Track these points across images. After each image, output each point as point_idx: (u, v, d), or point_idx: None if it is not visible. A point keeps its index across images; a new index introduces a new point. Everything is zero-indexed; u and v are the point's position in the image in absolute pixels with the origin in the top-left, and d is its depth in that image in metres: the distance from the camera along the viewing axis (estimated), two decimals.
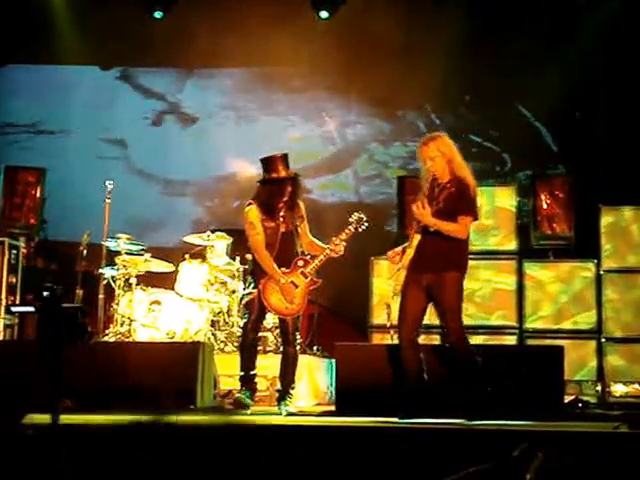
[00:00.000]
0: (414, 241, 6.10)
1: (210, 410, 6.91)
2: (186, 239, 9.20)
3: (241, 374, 6.85)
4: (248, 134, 11.23)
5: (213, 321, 8.84)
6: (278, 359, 6.99)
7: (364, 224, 6.68)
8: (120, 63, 11.75)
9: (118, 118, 11.68)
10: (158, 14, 11.06)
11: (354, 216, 6.72)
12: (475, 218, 6.17)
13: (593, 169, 10.14)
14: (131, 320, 8.56)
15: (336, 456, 4.57)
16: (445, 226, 6.03)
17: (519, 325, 8.99)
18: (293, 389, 6.85)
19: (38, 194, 9.89)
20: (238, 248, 8.74)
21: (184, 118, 11.77)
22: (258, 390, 7.07)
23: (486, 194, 9.12)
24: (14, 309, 10.11)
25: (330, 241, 6.69)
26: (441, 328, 6.12)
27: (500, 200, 9.22)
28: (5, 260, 9.24)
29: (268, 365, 7.73)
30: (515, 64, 10.55)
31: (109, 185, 9.03)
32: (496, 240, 9.18)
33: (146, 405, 6.32)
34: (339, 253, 6.67)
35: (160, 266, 9.03)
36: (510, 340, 8.90)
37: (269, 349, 8.55)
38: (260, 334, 7.62)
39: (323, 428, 5.45)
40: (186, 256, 9.00)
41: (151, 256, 8.91)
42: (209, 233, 9.03)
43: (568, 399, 7.66)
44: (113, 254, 8.90)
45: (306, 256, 6.79)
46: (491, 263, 9.12)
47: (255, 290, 6.80)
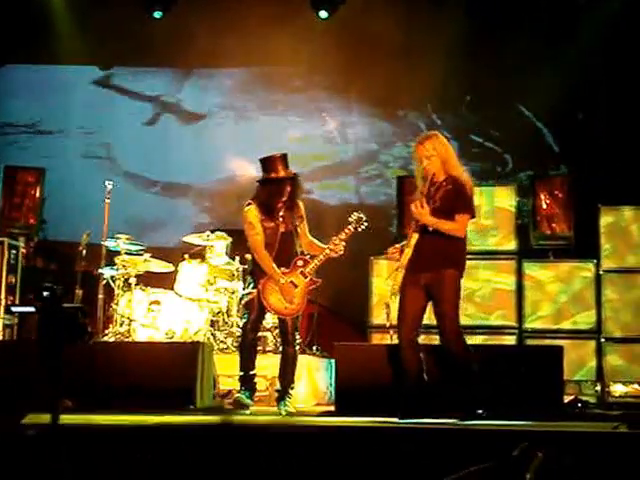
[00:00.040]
0: (412, 240, 6.10)
1: (210, 410, 6.90)
2: (185, 239, 9.20)
3: (240, 374, 6.84)
4: (248, 134, 11.22)
5: (212, 321, 8.84)
6: (277, 359, 6.97)
7: (363, 224, 6.67)
8: (119, 63, 11.75)
9: (117, 118, 11.67)
10: (157, 14, 11.07)
11: (353, 216, 6.71)
12: (472, 216, 6.17)
13: (593, 169, 10.15)
14: (130, 320, 8.56)
15: (336, 456, 4.57)
16: (443, 225, 6.03)
17: (519, 325, 8.99)
18: (292, 389, 6.85)
19: (38, 194, 9.89)
20: (238, 248, 8.74)
21: (183, 118, 11.76)
22: (257, 390, 7.06)
23: (485, 194, 9.14)
24: (14, 309, 10.11)
25: (330, 241, 6.69)
26: (438, 328, 6.10)
27: (499, 200, 9.22)
28: (4, 260, 9.24)
29: (267, 365, 7.72)
30: (515, 64, 10.55)
31: (108, 185, 9.03)
32: (495, 240, 9.18)
33: (145, 405, 6.35)
34: (339, 253, 6.66)
35: (159, 266, 9.03)
36: (510, 340, 8.91)
37: (268, 349, 8.55)
38: (259, 334, 7.63)
39: (323, 428, 5.45)
40: (185, 256, 9.00)
41: (150, 256, 8.91)
42: (208, 233, 9.03)
43: (567, 399, 7.65)
44: (112, 254, 8.90)
45: (305, 256, 6.78)
46: (490, 263, 9.12)
47: (254, 290, 6.78)
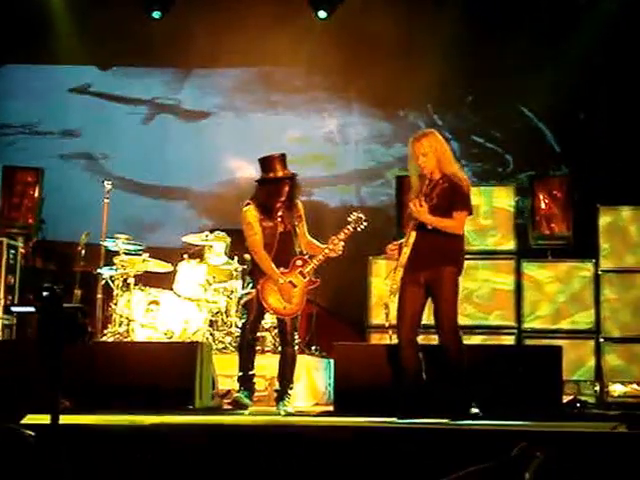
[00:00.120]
0: (410, 239, 6.10)
1: (208, 410, 6.90)
2: (185, 239, 9.20)
3: (239, 374, 6.84)
4: (247, 134, 11.21)
5: (211, 321, 8.85)
6: (276, 359, 6.98)
7: (363, 223, 6.68)
8: (119, 63, 11.73)
9: (116, 119, 11.67)
10: (157, 14, 11.06)
11: (353, 216, 6.71)
12: (470, 213, 6.18)
13: (593, 169, 10.15)
14: (129, 320, 8.56)
15: (335, 456, 4.57)
16: (441, 223, 6.04)
17: (517, 325, 8.99)
18: (291, 389, 6.85)
19: (36, 194, 9.89)
20: (237, 248, 8.74)
21: (182, 118, 11.75)
22: (257, 390, 7.06)
23: (484, 194, 9.15)
24: (14, 309, 10.12)
25: (329, 241, 6.69)
26: (436, 326, 6.11)
27: (498, 200, 9.22)
28: (3, 260, 9.25)
29: (266, 365, 7.73)
30: (515, 64, 10.54)
31: (107, 185, 9.03)
32: (494, 240, 9.18)
33: (144, 405, 6.35)
34: (338, 253, 6.66)
35: (158, 266, 9.03)
36: (508, 340, 8.90)
37: (267, 349, 8.56)
38: (259, 334, 7.63)
39: (322, 428, 5.44)
40: (184, 256, 9.00)
41: (149, 256, 8.91)
42: (207, 233, 9.04)
43: (566, 399, 7.66)
44: (111, 254, 8.90)
45: (304, 256, 6.78)
46: (489, 263, 9.12)
47: (253, 290, 6.79)
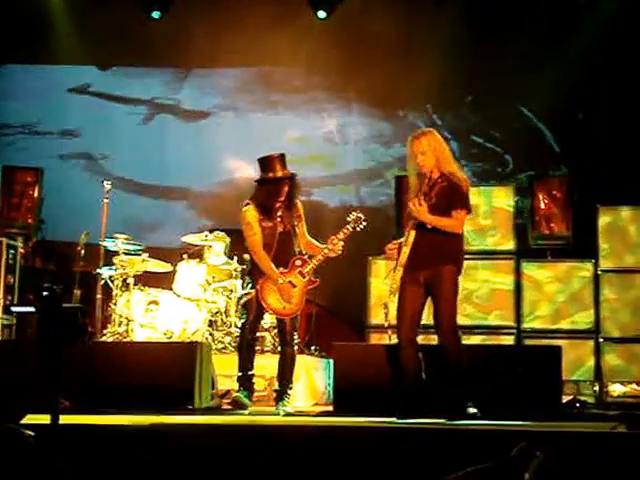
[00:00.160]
0: (410, 238, 6.10)
1: (208, 410, 6.90)
2: (184, 239, 9.20)
3: (239, 374, 6.84)
4: (247, 134, 11.21)
5: (211, 321, 8.85)
6: (276, 359, 6.98)
7: (362, 223, 6.68)
8: (118, 63, 11.72)
9: (115, 119, 11.66)
10: (156, 14, 11.06)
11: (352, 215, 6.71)
12: (469, 212, 6.18)
13: (592, 169, 10.15)
14: (129, 320, 8.56)
15: (334, 456, 4.57)
16: (441, 222, 6.05)
17: (517, 325, 8.98)
18: (291, 389, 6.85)
19: (36, 194, 9.89)
20: (236, 248, 8.74)
21: (182, 119, 11.75)
22: (256, 390, 7.06)
23: (484, 194, 9.15)
24: (14, 309, 10.11)
25: (328, 241, 6.69)
26: (435, 326, 6.11)
27: (498, 200, 9.22)
28: (3, 260, 9.24)
29: (266, 365, 7.73)
30: (515, 64, 10.54)
31: (107, 185, 9.03)
32: (494, 240, 9.18)
33: (144, 405, 6.35)
34: (337, 253, 6.66)
35: (158, 266, 9.03)
36: (508, 340, 8.90)
37: (267, 349, 8.56)
38: (258, 334, 7.63)
39: (321, 428, 5.44)
40: (184, 256, 9.00)
41: (149, 256, 8.91)
42: (207, 233, 9.04)
43: (566, 399, 7.66)
44: (111, 254, 8.90)
45: (304, 256, 6.79)
46: (489, 263, 9.12)
47: (253, 290, 6.79)
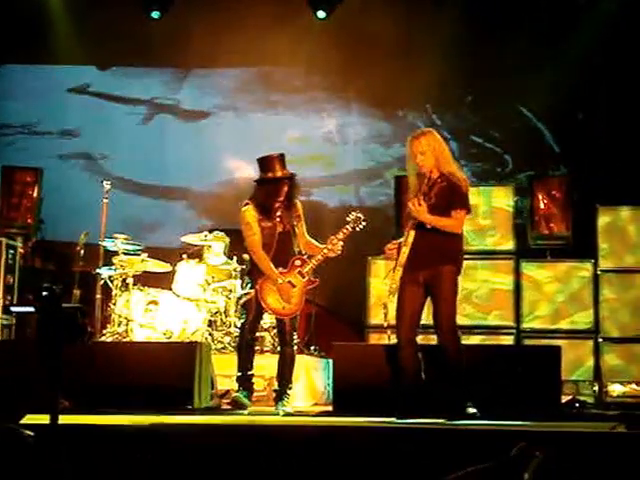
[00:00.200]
0: (409, 238, 6.11)
1: (207, 410, 6.90)
2: (184, 239, 9.20)
3: (238, 374, 6.83)
4: (246, 134, 11.20)
5: (210, 321, 8.85)
6: (275, 359, 6.98)
7: (361, 223, 6.68)
8: (118, 63, 11.72)
9: (115, 119, 11.66)
10: (155, 14, 11.06)
11: (351, 215, 6.71)
12: (468, 212, 6.19)
13: (591, 169, 10.15)
14: (128, 320, 8.56)
15: (334, 456, 4.57)
16: (440, 222, 6.05)
17: (516, 325, 8.98)
18: (290, 389, 6.85)
19: (35, 194, 9.89)
20: (235, 248, 8.74)
21: (181, 119, 11.75)
22: (255, 390, 7.06)
23: (483, 194, 9.15)
24: (13, 309, 10.10)
25: (328, 241, 6.69)
26: (435, 326, 6.11)
27: (497, 200, 9.22)
28: (2, 260, 9.24)
29: (265, 365, 7.72)
30: (515, 64, 10.54)
31: (106, 185, 9.03)
32: (493, 240, 9.18)
33: (144, 405, 6.35)
34: (336, 253, 6.66)
35: (157, 266, 9.03)
36: (507, 340, 8.90)
37: (266, 349, 8.56)
38: (257, 334, 7.63)
39: (320, 428, 5.44)
40: (183, 256, 9.00)
41: (148, 256, 8.91)
42: (206, 233, 9.03)
43: (565, 399, 7.66)
44: (110, 254, 8.90)
45: (303, 256, 6.78)
46: (488, 263, 9.12)
47: (252, 290, 6.79)
